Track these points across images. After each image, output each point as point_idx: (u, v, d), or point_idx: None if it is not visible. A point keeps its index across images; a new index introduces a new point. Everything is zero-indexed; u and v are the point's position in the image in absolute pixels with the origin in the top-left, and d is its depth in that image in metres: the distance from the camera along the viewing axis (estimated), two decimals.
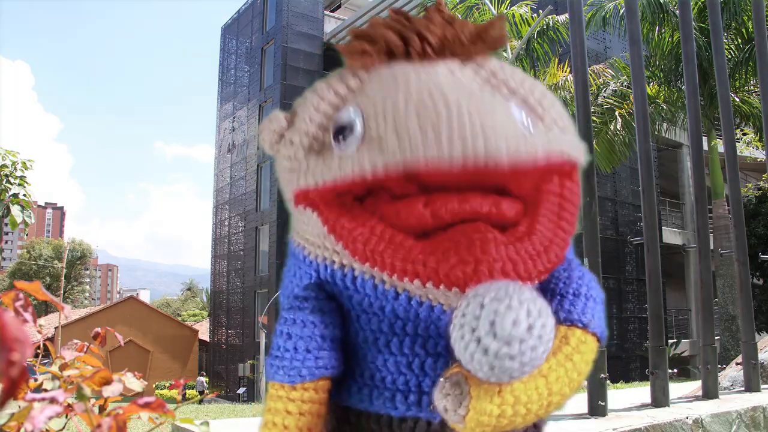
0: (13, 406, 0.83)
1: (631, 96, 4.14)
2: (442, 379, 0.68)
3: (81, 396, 0.83)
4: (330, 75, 0.84)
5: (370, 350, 0.81)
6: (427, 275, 0.71)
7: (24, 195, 4.56)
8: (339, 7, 27.24)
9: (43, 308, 36.14)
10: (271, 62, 24.45)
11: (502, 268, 0.70)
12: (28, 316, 0.88)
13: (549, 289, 0.80)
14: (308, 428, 0.79)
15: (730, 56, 11.56)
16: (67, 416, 0.91)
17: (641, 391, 2.94)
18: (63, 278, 14.28)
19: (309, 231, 0.82)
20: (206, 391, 24.09)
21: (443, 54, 0.78)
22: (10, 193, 4.52)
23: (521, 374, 0.65)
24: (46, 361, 1.13)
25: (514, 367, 0.63)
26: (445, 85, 0.72)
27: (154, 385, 25.74)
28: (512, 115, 0.75)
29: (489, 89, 0.78)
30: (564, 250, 0.79)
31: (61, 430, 0.99)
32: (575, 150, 0.81)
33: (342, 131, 0.76)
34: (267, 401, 0.81)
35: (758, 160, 15.71)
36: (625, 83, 12.27)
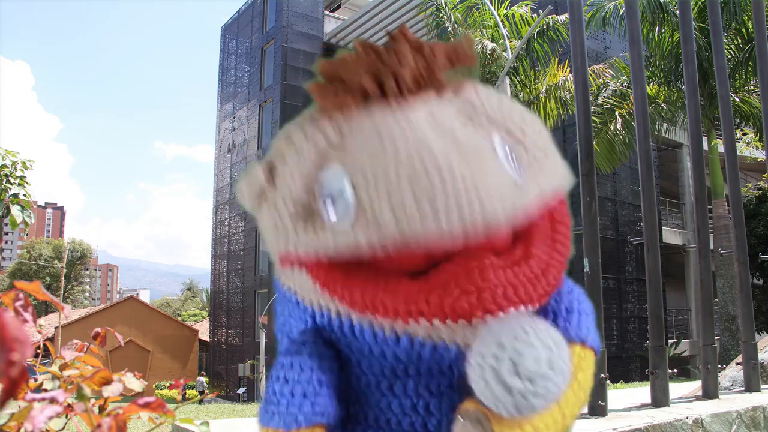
0: (13, 406, 0.83)
1: (631, 96, 4.14)
2: (460, 418, 0.68)
3: (81, 396, 0.83)
4: (303, 117, 0.80)
5: (373, 394, 0.80)
6: (431, 312, 0.70)
7: (24, 195, 4.56)
8: (339, 7, 27.24)
9: (43, 308, 36.14)
10: (271, 62, 24.46)
11: (504, 293, 0.69)
12: (28, 316, 0.88)
13: (541, 308, 0.79)
14: None
15: (730, 56, 11.57)
16: (67, 416, 0.91)
17: (641, 391, 2.94)
18: (63, 278, 14.27)
19: (299, 285, 0.81)
20: (206, 391, 24.10)
21: (418, 90, 0.77)
22: (10, 193, 4.52)
23: (545, 408, 0.65)
24: (46, 361, 1.13)
25: (540, 403, 0.64)
26: (433, 142, 0.71)
27: (154, 385, 25.75)
28: (501, 166, 0.74)
29: (471, 126, 0.77)
30: (561, 272, 0.78)
31: (61, 430, 0.99)
32: (562, 178, 0.81)
33: (332, 202, 0.74)
34: None
35: (758, 160, 15.72)
36: (625, 83, 12.27)
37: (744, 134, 14.10)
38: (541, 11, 12.78)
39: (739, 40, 12.06)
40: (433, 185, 0.68)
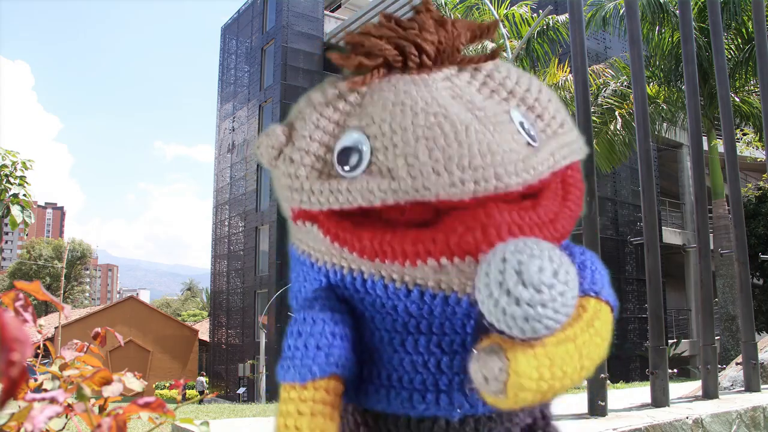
0: (13, 406, 0.83)
1: (631, 96, 4.14)
2: (475, 352, 0.68)
3: (81, 396, 0.83)
4: (325, 83, 0.82)
5: (385, 350, 0.81)
6: (438, 250, 0.71)
7: (24, 195, 4.56)
8: (339, 7, 27.24)
9: (43, 308, 36.14)
10: (271, 62, 24.45)
11: (509, 230, 0.70)
12: (28, 316, 0.88)
13: None
14: (321, 430, 0.77)
15: (730, 56, 11.57)
16: (67, 416, 0.91)
17: (641, 391, 2.94)
18: (63, 278, 14.26)
19: (311, 242, 0.82)
20: (206, 391, 24.09)
21: (440, 61, 0.79)
22: (10, 193, 4.52)
23: (555, 323, 0.64)
24: (46, 361, 1.13)
25: (548, 314, 0.63)
26: (450, 105, 0.73)
27: (154, 385, 25.75)
28: (517, 131, 0.76)
29: (488, 94, 0.79)
30: (572, 225, 0.79)
31: (61, 430, 0.99)
32: (577, 148, 0.82)
33: (347, 153, 0.76)
34: (279, 405, 0.80)
35: (758, 160, 15.72)
36: (625, 83, 12.27)
37: (744, 134, 14.10)
38: (541, 11, 12.79)
39: (739, 40, 12.06)
40: (448, 141, 0.70)
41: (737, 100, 12.22)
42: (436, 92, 0.75)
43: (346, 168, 0.75)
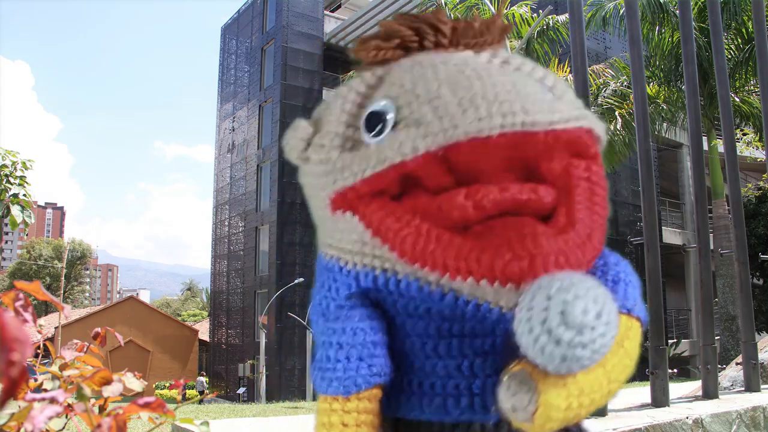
0: (13, 406, 0.83)
1: (631, 96, 4.14)
2: (505, 379, 0.67)
3: (81, 396, 0.83)
4: (346, 80, 0.87)
5: (417, 356, 0.80)
6: (481, 272, 0.70)
7: (24, 195, 4.56)
8: (339, 7, 27.23)
9: (43, 308, 36.15)
10: (271, 62, 24.45)
11: (556, 260, 0.70)
12: (28, 316, 0.88)
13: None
14: None
15: (730, 56, 11.57)
16: (67, 416, 0.91)
17: (641, 391, 2.94)
18: (63, 278, 14.27)
19: (346, 238, 0.80)
20: (206, 391, 24.10)
21: (456, 45, 0.80)
22: (10, 193, 4.52)
23: (591, 362, 0.64)
24: (46, 361, 1.13)
25: (586, 356, 0.63)
26: (473, 61, 0.74)
27: (154, 385, 25.76)
28: (541, 84, 0.77)
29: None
30: (603, 234, 0.79)
31: (61, 430, 0.99)
32: (597, 125, 0.82)
33: (375, 120, 0.76)
34: (319, 416, 0.78)
35: (758, 160, 15.72)
36: (625, 83, 12.28)
37: (744, 134, 14.11)
38: (541, 11, 12.79)
39: (739, 40, 12.06)
40: (474, 89, 0.70)
41: (737, 100, 12.22)
42: (457, 54, 0.77)
43: (374, 134, 0.76)
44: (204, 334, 30.03)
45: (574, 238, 0.73)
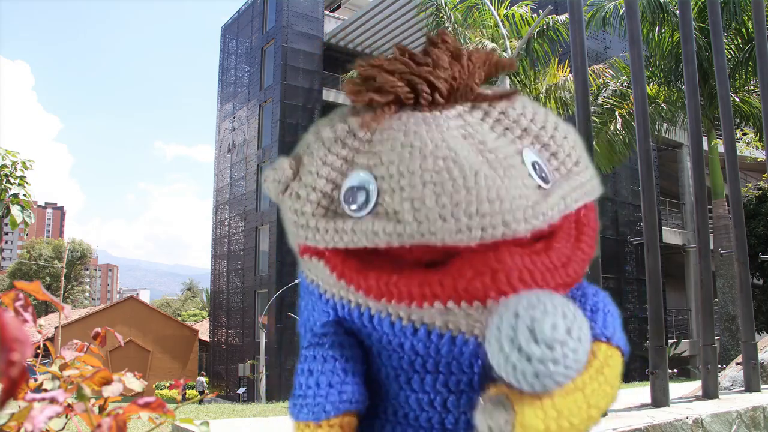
0: (13, 406, 0.83)
1: (631, 96, 4.14)
2: (481, 401, 0.67)
3: (81, 396, 0.83)
4: (335, 116, 0.82)
5: (392, 386, 0.80)
6: (446, 294, 0.70)
7: (24, 195, 4.55)
8: (339, 7, 27.23)
9: (43, 308, 36.14)
10: (271, 62, 24.44)
11: (520, 276, 0.69)
12: (28, 316, 0.88)
13: None
14: None
15: (730, 56, 11.57)
16: (67, 416, 0.91)
17: (641, 391, 2.94)
18: (63, 278, 14.27)
19: (319, 275, 0.81)
20: (206, 391, 24.09)
21: (453, 98, 0.78)
22: (10, 193, 4.52)
23: (566, 379, 0.64)
24: (46, 361, 1.13)
25: (560, 371, 0.63)
26: (460, 148, 0.72)
27: (154, 385, 25.75)
28: (528, 174, 0.75)
29: (503, 136, 0.78)
30: (584, 268, 0.78)
31: (61, 430, 0.99)
32: (591, 188, 0.81)
33: (353, 192, 0.76)
34: None
35: (758, 160, 15.72)
36: (625, 83, 12.28)
37: (744, 134, 14.10)
38: (541, 11, 12.78)
39: (739, 40, 12.06)
40: (456, 187, 0.69)
41: (737, 100, 12.22)
42: (447, 133, 0.74)
43: (353, 207, 0.75)
44: (204, 334, 30.02)
45: (544, 260, 0.72)
